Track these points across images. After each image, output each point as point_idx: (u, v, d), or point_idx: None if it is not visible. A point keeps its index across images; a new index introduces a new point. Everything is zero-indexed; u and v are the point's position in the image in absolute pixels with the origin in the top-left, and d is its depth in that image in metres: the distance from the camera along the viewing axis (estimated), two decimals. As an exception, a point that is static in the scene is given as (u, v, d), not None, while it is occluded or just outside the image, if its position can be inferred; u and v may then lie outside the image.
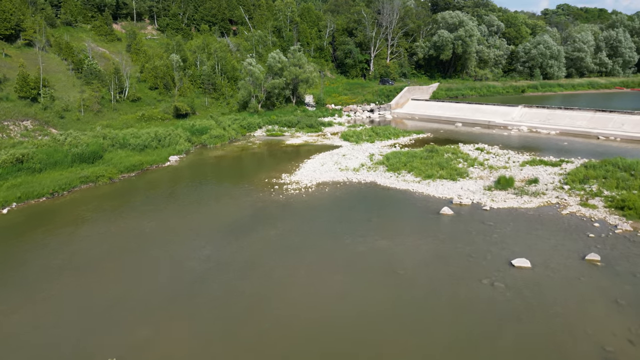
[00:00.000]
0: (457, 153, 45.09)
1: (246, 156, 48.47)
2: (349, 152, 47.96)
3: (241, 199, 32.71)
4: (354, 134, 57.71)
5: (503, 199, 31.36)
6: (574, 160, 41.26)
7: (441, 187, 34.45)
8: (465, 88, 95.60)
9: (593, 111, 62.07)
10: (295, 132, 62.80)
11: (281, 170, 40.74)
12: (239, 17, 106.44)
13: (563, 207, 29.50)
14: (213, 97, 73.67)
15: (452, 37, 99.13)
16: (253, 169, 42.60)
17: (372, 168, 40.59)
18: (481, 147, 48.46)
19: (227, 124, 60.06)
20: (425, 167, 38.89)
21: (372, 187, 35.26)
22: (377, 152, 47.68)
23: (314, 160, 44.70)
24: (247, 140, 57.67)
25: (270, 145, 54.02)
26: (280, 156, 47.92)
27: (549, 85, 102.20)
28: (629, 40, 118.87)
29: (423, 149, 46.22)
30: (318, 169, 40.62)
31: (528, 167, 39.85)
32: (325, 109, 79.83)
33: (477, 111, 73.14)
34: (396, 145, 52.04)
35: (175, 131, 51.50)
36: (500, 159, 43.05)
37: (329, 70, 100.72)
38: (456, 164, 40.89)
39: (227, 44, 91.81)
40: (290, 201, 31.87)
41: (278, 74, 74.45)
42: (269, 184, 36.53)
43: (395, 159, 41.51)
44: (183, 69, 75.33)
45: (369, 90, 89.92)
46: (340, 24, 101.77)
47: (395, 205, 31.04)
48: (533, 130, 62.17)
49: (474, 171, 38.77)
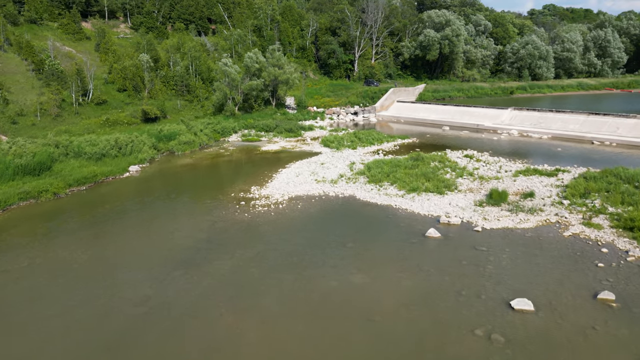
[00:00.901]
0: (444, 161, 41.54)
1: (216, 165, 44.36)
2: (328, 160, 44.15)
3: (200, 218, 28.66)
4: (335, 139, 53.94)
5: (496, 217, 27.78)
6: (570, 170, 37.96)
7: (427, 202, 30.78)
8: (452, 89, 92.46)
9: (586, 114, 59.12)
10: (273, 137, 58.82)
11: (251, 182, 36.77)
12: (217, 15, 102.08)
13: (564, 227, 25.99)
14: (187, 100, 69.35)
15: (439, 36, 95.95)
16: (221, 180, 38.54)
17: (352, 179, 36.80)
18: (470, 154, 45.00)
19: (199, 128, 55.86)
20: (410, 179, 35.22)
21: (351, 203, 31.47)
22: (358, 160, 43.96)
23: (289, 169, 40.80)
24: (220, 146, 53.54)
25: (244, 152, 49.97)
26: (253, 165, 43.93)
27: (538, 87, 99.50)
28: (618, 40, 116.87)
29: (408, 157, 42.60)
30: (292, 181, 36.71)
31: (522, 177, 36.41)
32: (306, 111, 75.98)
33: (465, 114, 69.89)
34: (379, 152, 48.39)
35: (139, 137, 47.18)
36: (491, 168, 39.60)
37: (311, 71, 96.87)
38: (443, 174, 37.33)
39: (203, 43, 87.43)
40: (256, 221, 27.92)
41: (256, 75, 70.42)
42: (235, 198, 32.53)
43: (377, 169, 37.78)
44: (155, 70, 70.88)
45: (353, 91, 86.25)
46: (323, 23, 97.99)
47: (375, 225, 27.27)
48: (524, 134, 59.02)
49: (463, 183, 35.20)
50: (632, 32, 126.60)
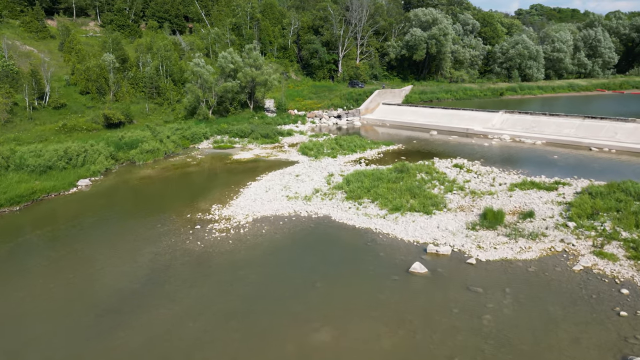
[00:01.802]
0: (431, 172, 37.47)
1: (179, 177, 39.76)
2: (304, 171, 39.81)
3: (143, 248, 24.12)
4: (315, 146, 49.64)
5: (493, 244, 23.69)
6: (571, 182, 34.14)
7: (412, 224, 26.59)
8: (440, 91, 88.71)
9: (581, 118, 55.57)
10: (247, 143, 54.30)
11: (214, 199, 32.31)
12: (195, 13, 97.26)
13: (573, 258, 21.97)
14: (156, 103, 64.52)
15: (426, 35, 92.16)
16: (179, 196, 33.98)
17: (329, 195, 32.51)
18: (460, 164, 40.99)
19: (166, 134, 51.12)
20: (393, 195, 31.04)
21: (325, 225, 27.18)
22: (337, 171, 39.70)
23: (259, 183, 36.39)
24: (188, 154, 48.91)
25: (214, 162, 45.43)
26: (221, 177, 39.44)
27: (528, 88, 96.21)
28: (609, 40, 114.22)
29: (392, 168, 38.48)
30: (260, 197, 32.30)
31: (518, 191, 32.44)
32: (286, 115, 71.55)
33: (454, 117, 66.04)
34: (361, 160, 44.20)
35: (94, 146, 42.38)
36: (483, 180, 35.60)
37: (293, 71, 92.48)
38: (431, 189, 33.25)
39: (177, 42, 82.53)
40: (209, 252, 23.46)
41: (231, 76, 65.85)
42: (190, 221, 28.05)
43: (357, 183, 33.53)
44: (122, 71, 65.94)
45: (336, 93, 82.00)
46: (305, 22, 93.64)
47: (350, 256, 22.99)
48: (516, 139, 55.29)
49: (452, 199, 31.12)
50: (621, 32, 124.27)
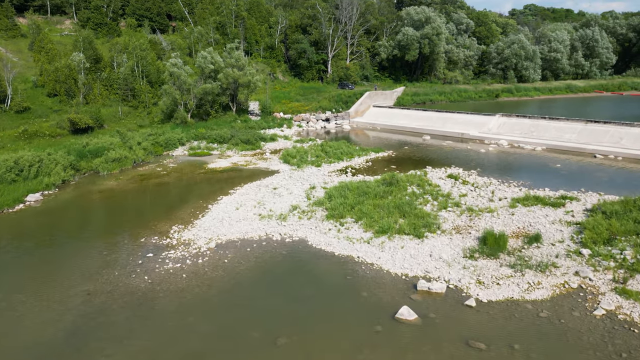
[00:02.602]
0: (424, 185, 33.78)
1: (143, 190, 35.76)
2: (283, 183, 35.98)
3: (78, 285, 20.13)
4: (298, 153, 45.85)
5: (495, 278, 19.96)
6: (579, 196, 30.59)
7: (401, 251, 22.82)
8: (433, 92, 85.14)
9: (584, 122, 52.14)
10: (226, 150, 50.38)
11: (176, 218, 28.39)
12: (178, 11, 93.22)
13: (592, 297, 18.29)
14: (131, 106, 60.39)
15: (418, 35, 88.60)
16: (139, 214, 30.00)
17: (307, 213, 28.67)
18: (455, 174, 37.32)
19: (137, 140, 47.07)
20: (380, 213, 27.29)
21: (300, 252, 23.35)
22: (320, 182, 35.91)
23: (231, 197, 32.50)
24: (159, 162, 44.90)
25: (186, 171, 41.45)
26: (190, 190, 35.49)
27: (525, 89, 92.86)
28: (606, 40, 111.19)
29: (380, 179, 34.73)
30: (229, 216, 28.41)
31: (520, 208, 28.80)
32: (271, 118, 67.70)
33: (448, 121, 62.47)
34: (348, 170, 40.46)
35: (52, 155, 38.28)
36: (481, 194, 31.94)
37: (280, 72, 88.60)
38: (423, 205, 29.55)
39: (158, 41, 78.38)
40: (155, 290, 19.55)
41: (212, 77, 61.89)
42: (144, 246, 24.11)
43: (340, 199, 29.71)
44: (95, 71, 61.77)
45: (325, 95, 78.27)
46: (293, 20, 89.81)
47: (326, 296, 19.15)
48: (515, 145, 51.78)
49: (447, 218, 27.40)
50: (618, 32, 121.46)
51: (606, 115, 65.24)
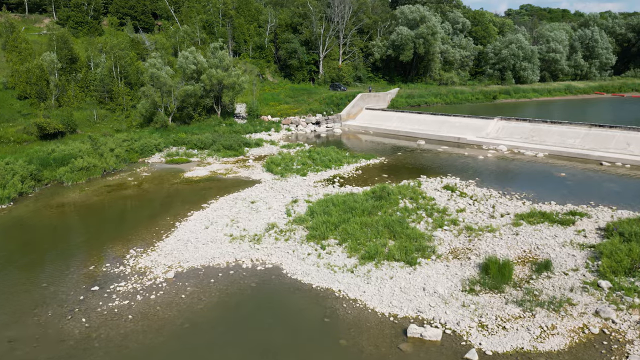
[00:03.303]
0: (417, 198, 30.58)
1: (108, 204, 32.34)
2: (263, 195, 32.69)
3: (1, 330, 16.77)
4: (283, 160, 42.60)
5: (500, 320, 16.74)
6: (589, 212, 27.52)
7: (389, 283, 19.58)
8: (429, 94, 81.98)
9: (587, 126, 49.15)
10: (207, 156, 47.00)
11: (137, 238, 25.04)
12: (163, 10, 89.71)
13: (618, 347, 15.10)
14: (108, 109, 56.91)
15: (413, 34, 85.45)
16: (96, 233, 26.59)
17: (285, 233, 25.38)
18: (452, 185, 34.14)
19: (110, 147, 43.65)
20: (367, 234, 24.05)
21: (272, 284, 20.06)
22: (304, 194, 32.65)
23: (203, 213, 29.17)
24: (132, 171, 41.49)
25: (159, 181, 38.05)
26: (159, 203, 32.12)
27: (523, 91, 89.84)
28: (606, 40, 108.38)
29: (369, 191, 31.52)
30: (196, 237, 25.07)
31: (525, 226, 25.65)
32: (258, 121, 64.40)
33: (444, 124, 59.34)
34: (336, 179, 37.21)
35: (10, 165, 34.80)
36: (481, 209, 28.79)
37: (270, 73, 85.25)
38: (416, 223, 26.35)
39: (140, 40, 74.88)
40: (91, 337, 16.19)
41: (194, 79, 58.53)
42: (91, 276, 20.75)
43: (322, 216, 26.42)
44: (70, 72, 58.25)
45: (316, 97, 74.96)
46: (283, 19, 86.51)
47: (297, 347, 15.85)
48: (514, 150, 48.70)
49: (443, 238, 24.19)
50: (617, 32, 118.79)
51: (608, 118, 62.39)
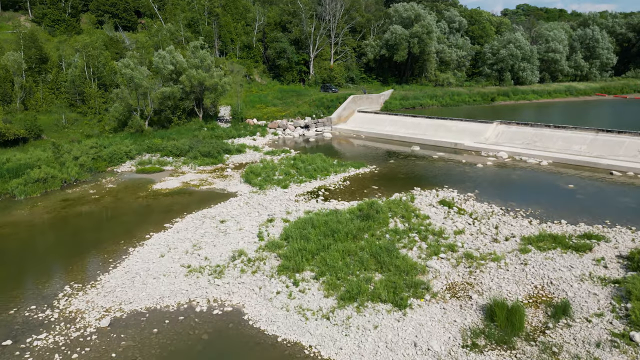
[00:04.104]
0: (409, 217, 26.88)
1: (58, 223, 28.45)
2: (235, 213, 28.91)
3: None
4: (265, 170, 38.84)
5: (512, 393, 13.03)
6: (607, 234, 23.96)
7: (373, 335, 15.82)
8: (424, 96, 78.34)
9: (594, 131, 45.58)
10: (182, 164, 43.15)
11: (77, 270, 21.23)
12: (147, 7, 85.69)
13: None
14: (80, 112, 52.94)
15: (407, 33, 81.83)
16: (30, 264, 22.68)
17: (254, 263, 21.59)
18: (449, 200, 30.46)
19: (75, 155, 39.79)
20: (350, 265, 20.30)
21: (227, 337, 16.26)
22: (282, 211, 28.91)
23: (163, 236, 25.35)
24: (96, 182, 37.60)
25: (123, 195, 34.16)
26: (117, 222, 28.27)
27: (522, 92, 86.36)
28: (607, 40, 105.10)
29: (356, 208, 27.81)
30: (147, 269, 21.24)
31: (534, 252, 21.99)
32: (243, 125, 60.58)
33: (440, 128, 55.71)
34: (320, 191, 33.49)
35: (-49, 178, 30.88)
36: (482, 230, 25.13)
37: (258, 73, 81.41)
38: (408, 249, 22.65)
39: (120, 39, 70.88)
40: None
41: (173, 80, 54.65)
42: (8, 323, 16.92)
43: (299, 242, 22.63)
44: (40, 73, 54.24)
45: (305, 99, 71.15)
46: (272, 17, 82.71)
47: None
48: (516, 157, 45.11)
49: (439, 270, 20.48)
50: (617, 31, 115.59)
51: (613, 122, 58.91)
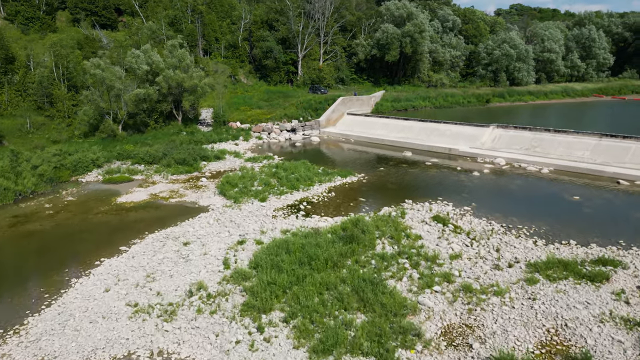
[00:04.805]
0: (399, 237, 23.70)
1: (0, 246, 24.96)
2: (203, 233, 25.58)
3: None
4: (243, 179, 35.54)
5: None
6: (623, 257, 21.01)
7: (350, 404, 12.59)
8: (416, 97, 75.27)
9: (597, 136, 42.65)
10: (154, 173, 39.68)
11: (7, 309, 17.87)
12: (128, 5, 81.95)
13: None
14: (48, 116, 49.31)
15: (399, 33, 78.75)
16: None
17: (214, 300, 18.29)
18: (443, 216, 27.32)
19: (35, 163, 36.25)
20: (327, 304, 17.04)
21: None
22: (256, 231, 25.65)
23: (115, 262, 21.98)
24: (56, 194, 34.07)
25: (83, 209, 30.66)
26: (67, 244, 24.82)
27: (518, 93, 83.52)
28: (603, 40, 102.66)
29: (339, 226, 24.65)
30: (86, 309, 17.89)
31: (543, 283, 18.99)
32: (225, 129, 57.16)
33: (434, 132, 52.63)
34: (302, 205, 30.26)
35: None
36: (482, 253, 22.04)
37: (243, 74, 77.96)
38: (396, 279, 19.50)
39: (97, 37, 67.20)
40: None
41: (149, 81, 51.15)
42: None
43: (270, 272, 19.34)
44: (5, 74, 50.54)
45: (292, 101, 67.85)
46: (258, 15, 79.26)
47: None
48: (514, 164, 42.08)
49: (433, 308, 17.32)
50: (613, 31, 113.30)
51: (613, 124, 56.24)
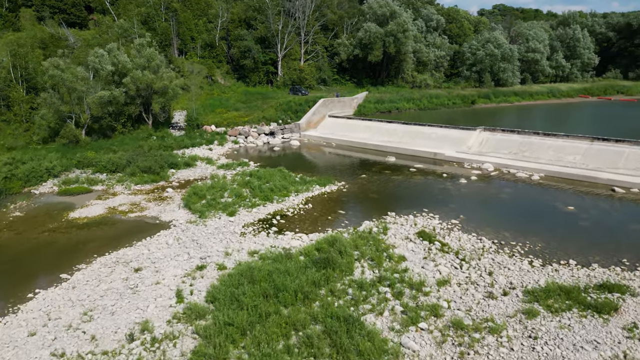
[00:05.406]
0: (380, 260, 21.05)
1: None
2: (158, 256, 22.59)
3: None
4: (212, 190, 32.58)
5: None
6: (632, 283, 18.67)
7: None
8: (400, 99, 72.91)
9: (589, 139, 40.65)
10: (116, 182, 36.43)
11: None
12: (98, 2, 78.02)
13: None
14: (4, 120, 45.59)
15: (383, 32, 76.32)
16: None
17: (159, 345, 15.35)
18: (429, 230, 24.81)
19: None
20: (292, 351, 14.23)
21: None
22: (220, 252, 22.76)
23: (51, 294, 18.95)
24: (2, 207, 30.65)
25: (29, 226, 27.37)
26: (2, 270, 21.59)
27: (503, 94, 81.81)
28: (588, 39, 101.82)
29: (314, 246, 21.89)
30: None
31: (544, 316, 16.54)
32: (199, 132, 53.99)
33: (418, 136, 50.24)
34: (275, 219, 27.42)
35: None
36: (473, 277, 19.58)
37: (221, 74, 74.69)
38: (376, 314, 16.79)
39: (63, 36, 63.38)
40: None
41: (115, 82, 47.73)
42: None
43: (228, 308, 16.52)
44: (-44, 75, 46.68)
45: (272, 103, 64.88)
46: (236, 13, 76.11)
47: None
48: (503, 169, 39.83)
49: (419, 352, 14.65)
50: (597, 31, 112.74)
51: (602, 126, 54.48)
